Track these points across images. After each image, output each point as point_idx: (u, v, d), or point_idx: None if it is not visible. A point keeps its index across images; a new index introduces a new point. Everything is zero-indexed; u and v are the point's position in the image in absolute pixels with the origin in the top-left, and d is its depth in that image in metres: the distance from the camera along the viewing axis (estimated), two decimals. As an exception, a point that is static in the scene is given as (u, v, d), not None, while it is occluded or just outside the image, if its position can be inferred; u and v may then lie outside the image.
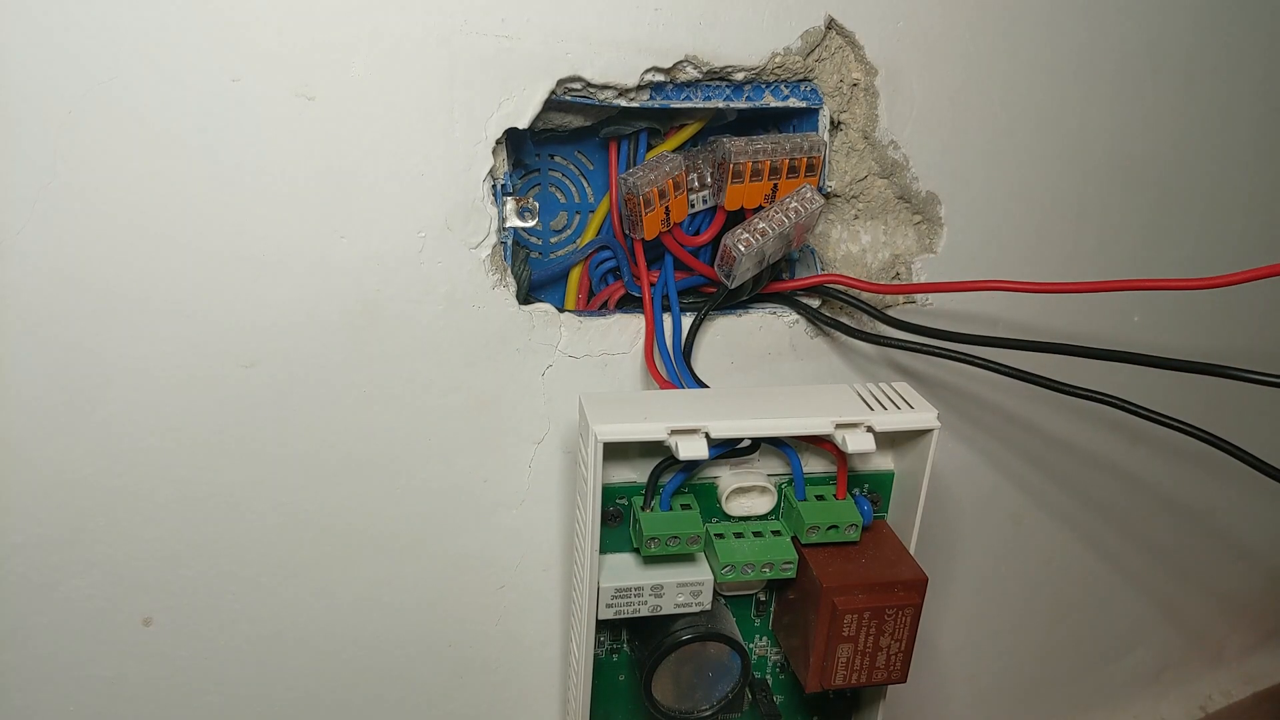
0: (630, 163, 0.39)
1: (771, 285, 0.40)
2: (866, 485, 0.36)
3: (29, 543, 0.35)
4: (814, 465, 0.36)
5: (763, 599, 0.37)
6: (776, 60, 0.37)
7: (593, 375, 0.39)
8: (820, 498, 0.35)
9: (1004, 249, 0.44)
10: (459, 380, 0.37)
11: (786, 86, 0.38)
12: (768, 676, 0.39)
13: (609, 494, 0.34)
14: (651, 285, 0.39)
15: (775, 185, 0.38)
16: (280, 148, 0.33)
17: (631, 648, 0.36)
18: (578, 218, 0.42)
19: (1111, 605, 0.57)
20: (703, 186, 0.38)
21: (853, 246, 0.42)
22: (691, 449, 0.31)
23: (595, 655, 0.36)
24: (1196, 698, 0.63)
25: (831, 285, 0.40)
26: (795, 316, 0.41)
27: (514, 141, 0.37)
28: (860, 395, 0.34)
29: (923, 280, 0.43)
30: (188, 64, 0.31)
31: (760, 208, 0.38)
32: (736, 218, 0.38)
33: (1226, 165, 0.48)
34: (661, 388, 0.37)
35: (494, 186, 0.35)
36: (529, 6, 0.34)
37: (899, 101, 0.39)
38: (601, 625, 0.35)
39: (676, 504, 0.34)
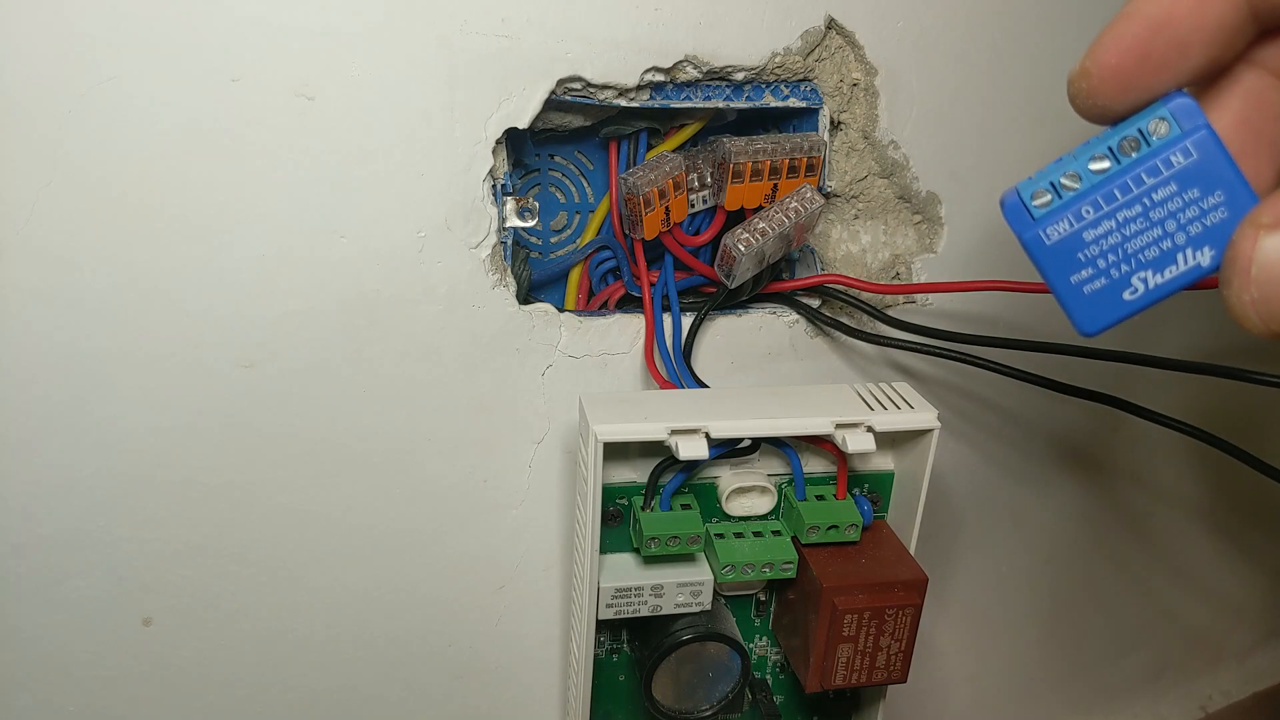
0: (630, 163, 0.39)
1: (771, 285, 0.40)
2: (866, 485, 0.36)
3: (29, 543, 0.35)
4: (814, 465, 0.36)
5: (763, 599, 0.37)
6: (776, 60, 0.37)
7: (593, 375, 0.39)
8: (820, 498, 0.35)
9: (1004, 249, 0.43)
10: (458, 380, 0.37)
11: (786, 86, 0.38)
12: (768, 676, 0.39)
13: (609, 494, 0.34)
14: (651, 285, 0.39)
15: (775, 185, 0.38)
16: (280, 148, 0.33)
17: (631, 648, 0.36)
18: (578, 218, 0.42)
19: (1111, 605, 0.57)
20: (703, 186, 0.38)
21: (853, 246, 0.42)
22: (691, 449, 0.31)
23: (595, 655, 0.36)
24: (1196, 698, 0.63)
25: (831, 285, 0.40)
26: (795, 316, 0.41)
27: (514, 141, 0.37)
28: (860, 395, 0.34)
29: (923, 280, 0.42)
30: (187, 64, 0.31)
31: (760, 208, 0.38)
32: (736, 218, 0.38)
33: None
34: (661, 388, 0.37)
35: (494, 186, 0.35)
36: (529, 6, 0.34)
37: (899, 101, 0.39)
38: (601, 625, 0.35)
39: (676, 504, 0.34)
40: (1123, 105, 0.21)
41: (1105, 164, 0.21)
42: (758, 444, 0.34)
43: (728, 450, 0.33)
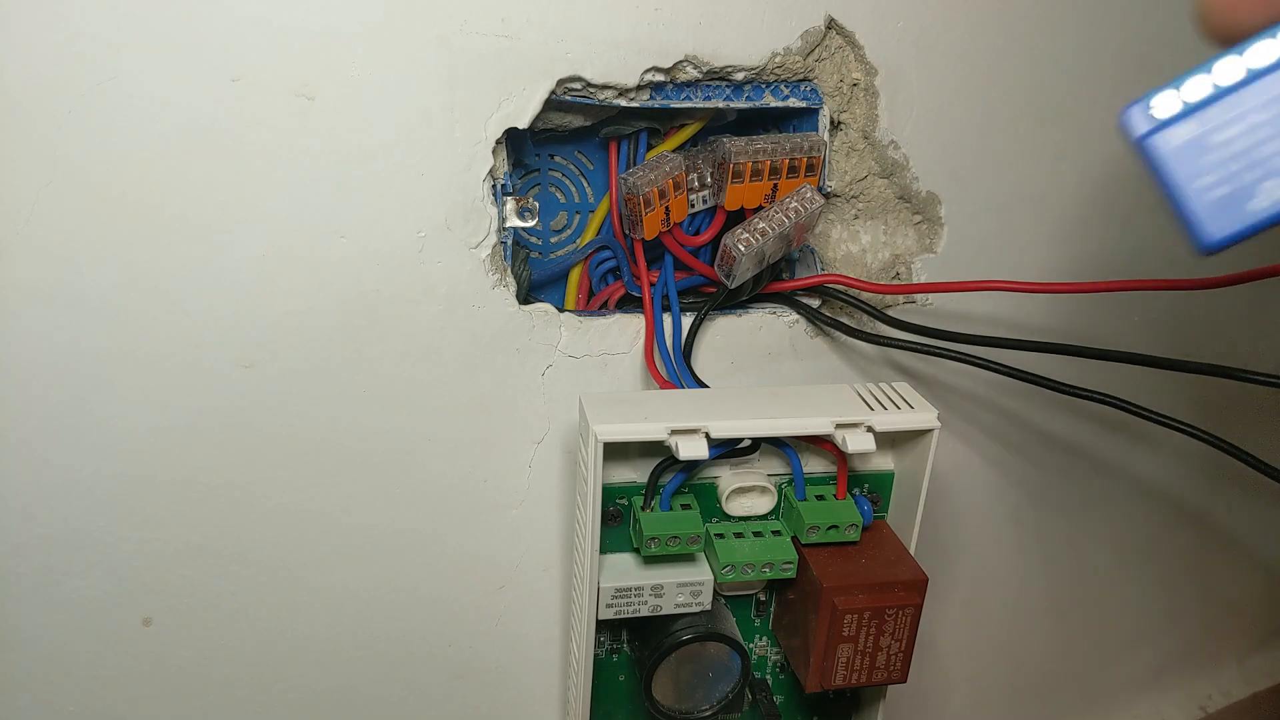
0: (630, 163, 0.39)
1: (771, 285, 0.40)
2: (866, 485, 0.36)
3: (29, 543, 0.35)
4: (814, 465, 0.36)
5: (763, 599, 0.37)
6: (776, 60, 0.37)
7: (593, 375, 0.39)
8: (820, 498, 0.35)
9: (1004, 249, 0.43)
10: (459, 380, 0.37)
11: (786, 86, 0.38)
12: (768, 676, 0.39)
13: (609, 494, 0.34)
14: (651, 285, 0.39)
15: (775, 185, 0.38)
16: (280, 148, 0.33)
17: (631, 648, 0.36)
18: (578, 218, 0.42)
19: (1111, 605, 0.57)
20: (703, 186, 0.38)
21: (853, 246, 0.42)
22: (691, 449, 0.31)
23: (595, 655, 0.36)
24: (1196, 698, 0.63)
25: (831, 285, 0.40)
26: (795, 316, 0.41)
27: (514, 141, 0.37)
28: (860, 395, 0.34)
29: (923, 280, 0.42)
30: (187, 64, 0.31)
31: (760, 208, 0.38)
32: (736, 218, 0.38)
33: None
34: (661, 388, 0.37)
35: (494, 186, 0.35)
36: (529, 6, 0.34)
37: (899, 101, 0.39)
38: (601, 625, 0.35)
39: (676, 504, 0.34)
40: (1258, 20, 0.20)
41: (1237, 72, 0.20)
42: (758, 444, 0.34)
43: (728, 450, 0.33)
